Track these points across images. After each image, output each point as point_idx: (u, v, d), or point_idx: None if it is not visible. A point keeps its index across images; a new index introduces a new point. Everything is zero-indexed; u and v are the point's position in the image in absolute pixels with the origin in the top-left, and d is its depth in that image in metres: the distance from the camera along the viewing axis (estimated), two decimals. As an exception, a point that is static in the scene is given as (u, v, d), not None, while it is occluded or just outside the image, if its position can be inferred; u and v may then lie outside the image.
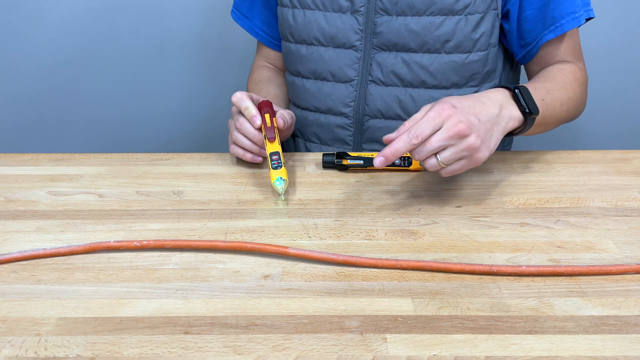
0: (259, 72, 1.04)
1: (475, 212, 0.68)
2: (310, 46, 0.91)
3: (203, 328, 0.49)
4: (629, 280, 0.55)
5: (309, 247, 0.61)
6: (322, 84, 0.92)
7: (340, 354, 0.46)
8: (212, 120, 1.46)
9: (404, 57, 0.86)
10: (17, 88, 1.44)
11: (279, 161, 0.73)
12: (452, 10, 0.83)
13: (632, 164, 0.80)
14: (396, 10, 0.84)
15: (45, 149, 1.46)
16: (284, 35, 0.94)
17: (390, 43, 0.86)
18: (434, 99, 0.82)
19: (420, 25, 0.84)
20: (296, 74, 0.95)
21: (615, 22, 1.33)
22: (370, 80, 0.89)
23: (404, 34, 0.85)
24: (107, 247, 0.60)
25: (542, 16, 0.85)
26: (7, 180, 0.77)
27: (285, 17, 0.92)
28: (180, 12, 1.36)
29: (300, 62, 0.93)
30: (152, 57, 1.40)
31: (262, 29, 1.01)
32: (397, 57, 0.87)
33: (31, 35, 1.38)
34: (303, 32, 0.90)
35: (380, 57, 0.87)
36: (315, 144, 0.97)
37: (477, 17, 0.84)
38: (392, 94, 0.89)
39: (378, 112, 0.90)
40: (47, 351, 0.47)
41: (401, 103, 0.89)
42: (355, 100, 0.90)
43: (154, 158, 0.84)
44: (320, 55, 0.90)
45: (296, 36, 0.91)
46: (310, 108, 0.95)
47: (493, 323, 0.49)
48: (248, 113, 0.77)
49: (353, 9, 0.86)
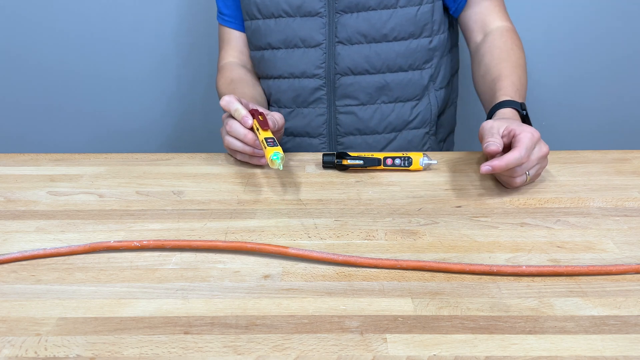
0: (229, 69, 1.04)
1: (475, 212, 0.68)
2: (278, 19, 0.97)
3: (203, 328, 0.49)
4: (629, 280, 0.55)
5: (309, 247, 0.61)
6: (292, 52, 0.98)
7: (340, 354, 0.46)
8: (212, 120, 1.46)
9: (365, 16, 0.94)
10: (17, 88, 1.44)
11: (274, 142, 0.73)
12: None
13: (632, 164, 0.80)
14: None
15: (45, 149, 1.46)
16: (250, 14, 0.99)
17: (352, 4, 0.94)
18: (396, 51, 0.96)
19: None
20: (266, 46, 1.00)
21: (615, 22, 1.33)
22: (338, 42, 0.96)
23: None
24: (107, 247, 0.60)
25: None
26: (7, 180, 0.77)
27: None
28: (182, 12, 1.37)
29: (270, 34, 0.98)
30: (152, 57, 1.40)
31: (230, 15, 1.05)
32: (358, 17, 0.94)
33: (30, 35, 1.38)
34: (271, 7, 0.96)
35: (343, 20, 0.95)
36: (292, 109, 1.01)
37: None
38: (359, 52, 0.96)
39: (348, 70, 0.97)
40: (47, 351, 0.47)
41: (368, 59, 0.96)
42: (326, 62, 0.97)
43: (154, 158, 0.84)
44: (288, 25, 0.96)
45: (264, 12, 0.97)
46: (284, 75, 1.00)
47: (493, 323, 0.49)
48: (238, 114, 0.78)
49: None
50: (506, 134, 0.72)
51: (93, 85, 1.43)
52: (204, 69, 1.41)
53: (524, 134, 0.70)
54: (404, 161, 0.78)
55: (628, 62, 1.38)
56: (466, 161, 0.82)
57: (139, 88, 1.44)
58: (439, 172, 0.78)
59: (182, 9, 1.36)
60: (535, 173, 0.73)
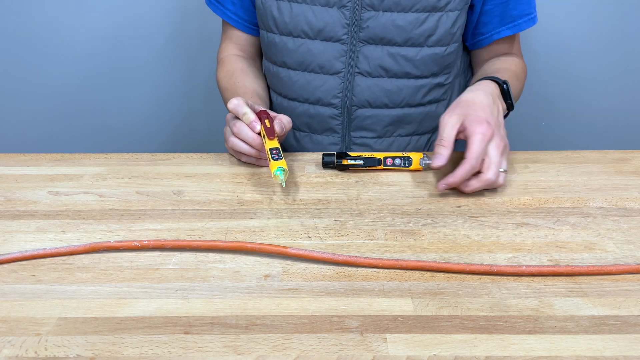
0: (229, 62, 1.01)
1: (475, 212, 0.68)
2: (297, 39, 0.91)
3: (203, 328, 0.49)
4: (629, 280, 0.55)
5: (309, 247, 0.61)
6: (309, 76, 0.93)
7: (340, 354, 0.46)
8: (213, 120, 1.46)
9: (390, 51, 0.90)
10: (16, 88, 1.44)
11: (279, 154, 0.72)
12: (435, 7, 0.87)
13: (632, 164, 0.80)
14: (382, 7, 0.87)
15: (45, 149, 1.46)
16: (266, 26, 0.94)
17: (377, 37, 0.89)
18: (418, 87, 0.93)
19: (405, 21, 0.88)
20: (282, 64, 0.95)
21: (615, 22, 1.33)
22: (357, 72, 0.92)
23: (390, 29, 0.88)
24: (107, 247, 0.60)
25: (500, 12, 0.93)
26: (7, 180, 0.77)
27: (268, 8, 0.92)
28: (179, 12, 1.36)
29: (287, 54, 0.93)
30: (151, 57, 1.40)
31: (234, 12, 1.00)
32: (383, 50, 0.90)
33: (29, 35, 1.38)
34: (290, 25, 0.91)
35: (366, 50, 0.90)
36: (305, 133, 0.99)
37: (456, 14, 0.89)
38: (379, 85, 0.93)
39: (365, 102, 0.94)
40: (47, 351, 0.47)
41: (387, 93, 0.93)
42: (343, 92, 0.93)
43: (154, 158, 0.84)
44: (308, 49, 0.91)
45: (282, 28, 0.92)
46: (299, 99, 0.96)
47: (493, 323, 0.49)
48: (247, 119, 0.77)
49: (340, 3, 0.88)
50: (462, 130, 0.73)
51: (93, 85, 1.43)
52: (205, 68, 1.41)
53: (474, 137, 0.70)
54: (404, 161, 0.78)
55: (628, 62, 1.38)
56: (466, 161, 0.82)
57: (139, 88, 1.44)
58: (439, 172, 0.78)
59: (183, 8, 1.36)
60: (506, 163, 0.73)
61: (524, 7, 0.93)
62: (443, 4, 0.88)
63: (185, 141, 1.49)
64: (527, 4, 0.93)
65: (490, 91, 0.79)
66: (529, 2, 0.93)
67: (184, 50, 1.40)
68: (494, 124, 0.73)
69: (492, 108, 0.76)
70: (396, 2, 0.87)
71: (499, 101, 0.79)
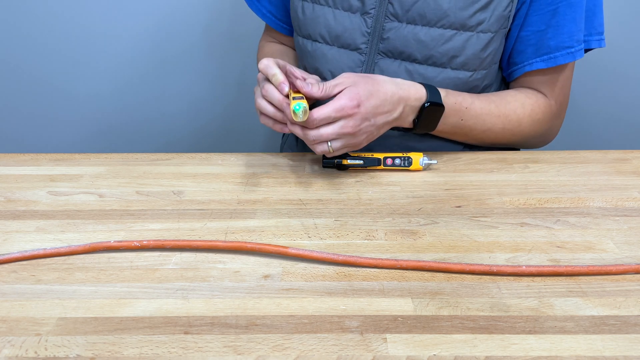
0: (269, 47, 1.01)
1: (475, 212, 0.68)
2: (314, 42, 0.88)
3: (203, 328, 0.49)
4: (629, 280, 0.55)
5: (309, 247, 0.61)
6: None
7: (340, 354, 0.46)
8: (213, 120, 1.46)
9: (408, 67, 0.84)
10: (16, 88, 1.44)
11: (302, 98, 0.69)
12: (465, 26, 0.80)
13: (632, 164, 0.80)
14: (407, 18, 0.82)
15: (45, 149, 1.46)
16: (295, 28, 0.92)
17: (396, 50, 0.83)
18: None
19: (429, 36, 0.81)
20: (303, 69, 0.91)
21: (614, 22, 1.33)
22: None
23: (411, 43, 0.82)
24: (107, 247, 0.60)
25: (537, 41, 0.83)
26: (7, 180, 0.77)
27: (295, 8, 0.89)
28: (182, 12, 1.36)
29: (305, 56, 0.91)
30: (152, 58, 1.40)
31: (269, 11, 0.98)
32: (400, 66, 0.84)
33: (29, 36, 1.38)
34: (309, 27, 0.87)
35: (384, 63, 0.85)
36: None
37: (489, 36, 0.81)
38: None
39: None
40: (47, 351, 0.47)
41: None
42: None
43: (154, 158, 0.84)
44: (323, 54, 0.88)
45: (302, 30, 0.89)
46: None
47: (493, 323, 0.49)
48: (276, 80, 0.73)
49: (363, 10, 0.83)
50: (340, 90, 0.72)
51: (93, 85, 1.43)
52: (205, 68, 1.41)
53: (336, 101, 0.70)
54: (404, 161, 0.78)
55: (628, 62, 1.38)
56: (466, 161, 0.82)
57: (139, 88, 1.44)
58: (439, 172, 0.78)
59: (183, 8, 1.36)
60: (341, 147, 0.73)
61: (563, 38, 0.82)
62: (474, 23, 0.80)
63: (185, 141, 1.49)
64: (567, 35, 0.82)
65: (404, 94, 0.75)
66: (570, 34, 0.82)
67: (184, 51, 1.40)
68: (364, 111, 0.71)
69: (384, 101, 0.73)
70: (421, 15, 0.81)
71: (400, 105, 0.75)
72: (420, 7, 0.80)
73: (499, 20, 0.80)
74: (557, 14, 0.81)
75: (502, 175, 0.77)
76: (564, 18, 0.81)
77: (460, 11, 0.79)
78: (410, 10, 0.81)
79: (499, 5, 0.79)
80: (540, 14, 0.82)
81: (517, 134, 0.86)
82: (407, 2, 0.81)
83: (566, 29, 0.82)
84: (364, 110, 0.71)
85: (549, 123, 0.89)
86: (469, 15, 0.79)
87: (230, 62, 1.41)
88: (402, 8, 0.81)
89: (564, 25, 0.81)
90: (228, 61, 1.41)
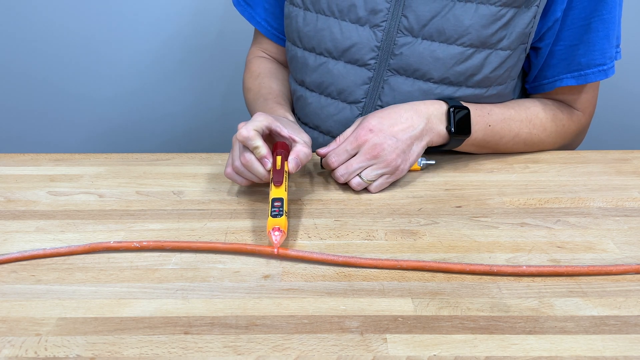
0: (257, 63, 0.94)
1: (475, 212, 0.68)
2: (319, 56, 0.82)
3: (203, 328, 0.49)
4: (629, 280, 0.55)
5: (309, 247, 0.61)
6: (325, 101, 0.84)
7: (340, 354, 0.46)
8: (212, 120, 1.46)
9: (423, 87, 0.78)
10: (17, 88, 1.44)
11: (280, 209, 0.62)
12: (485, 43, 0.75)
13: (632, 164, 0.80)
14: (423, 33, 0.76)
15: (45, 149, 1.46)
16: (291, 38, 0.85)
17: (410, 68, 0.77)
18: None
19: (448, 54, 0.75)
20: (300, 83, 0.87)
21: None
22: (379, 105, 0.80)
23: (427, 60, 0.76)
24: (107, 248, 0.60)
25: (568, 56, 0.80)
26: (7, 180, 0.77)
27: (294, 17, 0.83)
28: (180, 12, 1.36)
29: (305, 71, 0.84)
30: (152, 58, 1.40)
31: (264, 19, 0.92)
32: (414, 85, 0.78)
33: (29, 36, 1.38)
34: (313, 40, 0.81)
35: (394, 81, 0.79)
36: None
37: (507, 53, 0.77)
38: None
39: None
40: (47, 351, 0.47)
41: None
42: None
43: (154, 158, 0.84)
44: (328, 69, 0.81)
45: (305, 42, 0.83)
46: (310, 124, 0.88)
47: (493, 323, 0.49)
48: (258, 153, 0.65)
49: (373, 22, 0.77)
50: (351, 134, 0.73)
51: (93, 85, 1.43)
52: (205, 68, 1.41)
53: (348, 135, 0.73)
54: (404, 161, 0.78)
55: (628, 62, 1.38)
56: (466, 161, 0.82)
57: (139, 88, 1.44)
58: (439, 172, 0.78)
59: (183, 9, 1.36)
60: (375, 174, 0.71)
61: (595, 55, 0.79)
62: (495, 40, 0.75)
63: (185, 141, 1.49)
64: (599, 52, 0.79)
65: (419, 106, 0.74)
66: (603, 51, 0.79)
67: (184, 51, 1.40)
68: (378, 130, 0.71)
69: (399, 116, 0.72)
70: (439, 31, 0.75)
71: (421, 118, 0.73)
72: (439, 23, 0.75)
73: (520, 37, 0.76)
74: (590, 30, 0.78)
75: (502, 175, 0.77)
76: (597, 35, 0.79)
77: (482, 29, 0.74)
78: (427, 25, 0.75)
79: (520, 22, 0.75)
80: (572, 29, 0.79)
81: (545, 139, 0.83)
82: (424, 16, 0.75)
83: (598, 45, 0.79)
84: (378, 130, 0.71)
85: (576, 131, 0.86)
86: (492, 33, 0.75)
87: (230, 62, 1.41)
88: (419, 23, 0.75)
89: (596, 42, 0.79)
90: (228, 61, 1.41)
